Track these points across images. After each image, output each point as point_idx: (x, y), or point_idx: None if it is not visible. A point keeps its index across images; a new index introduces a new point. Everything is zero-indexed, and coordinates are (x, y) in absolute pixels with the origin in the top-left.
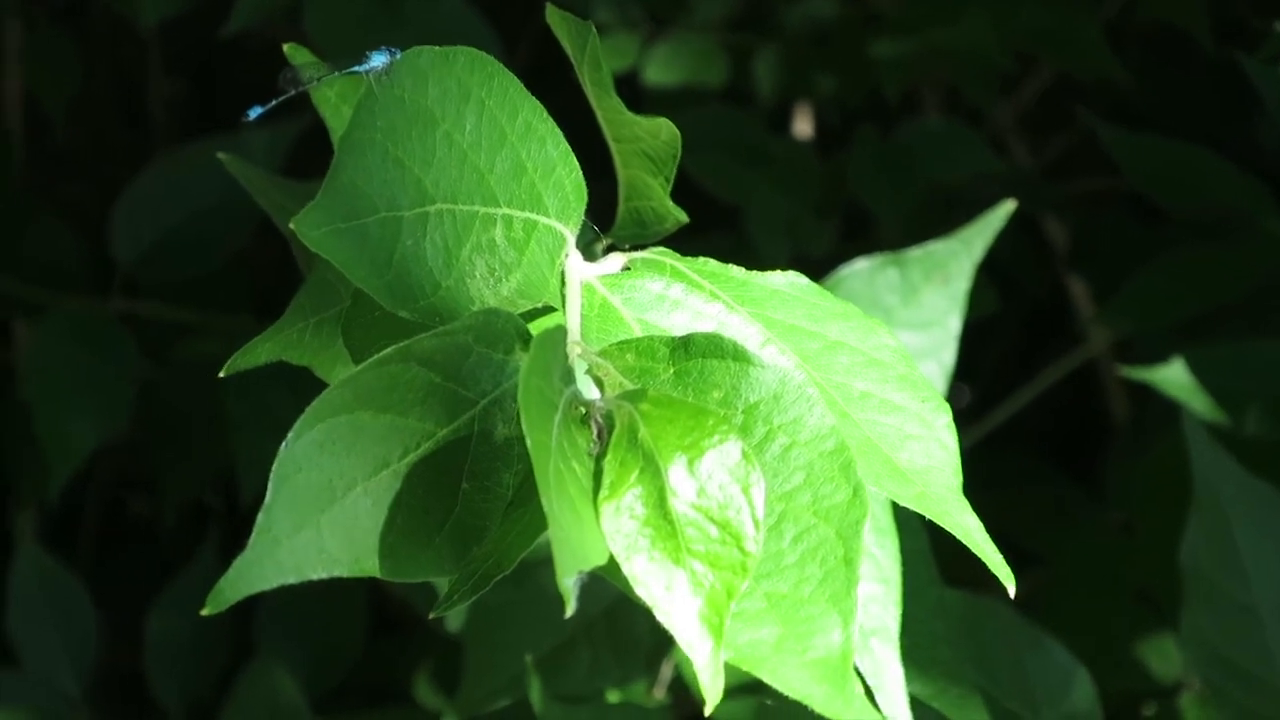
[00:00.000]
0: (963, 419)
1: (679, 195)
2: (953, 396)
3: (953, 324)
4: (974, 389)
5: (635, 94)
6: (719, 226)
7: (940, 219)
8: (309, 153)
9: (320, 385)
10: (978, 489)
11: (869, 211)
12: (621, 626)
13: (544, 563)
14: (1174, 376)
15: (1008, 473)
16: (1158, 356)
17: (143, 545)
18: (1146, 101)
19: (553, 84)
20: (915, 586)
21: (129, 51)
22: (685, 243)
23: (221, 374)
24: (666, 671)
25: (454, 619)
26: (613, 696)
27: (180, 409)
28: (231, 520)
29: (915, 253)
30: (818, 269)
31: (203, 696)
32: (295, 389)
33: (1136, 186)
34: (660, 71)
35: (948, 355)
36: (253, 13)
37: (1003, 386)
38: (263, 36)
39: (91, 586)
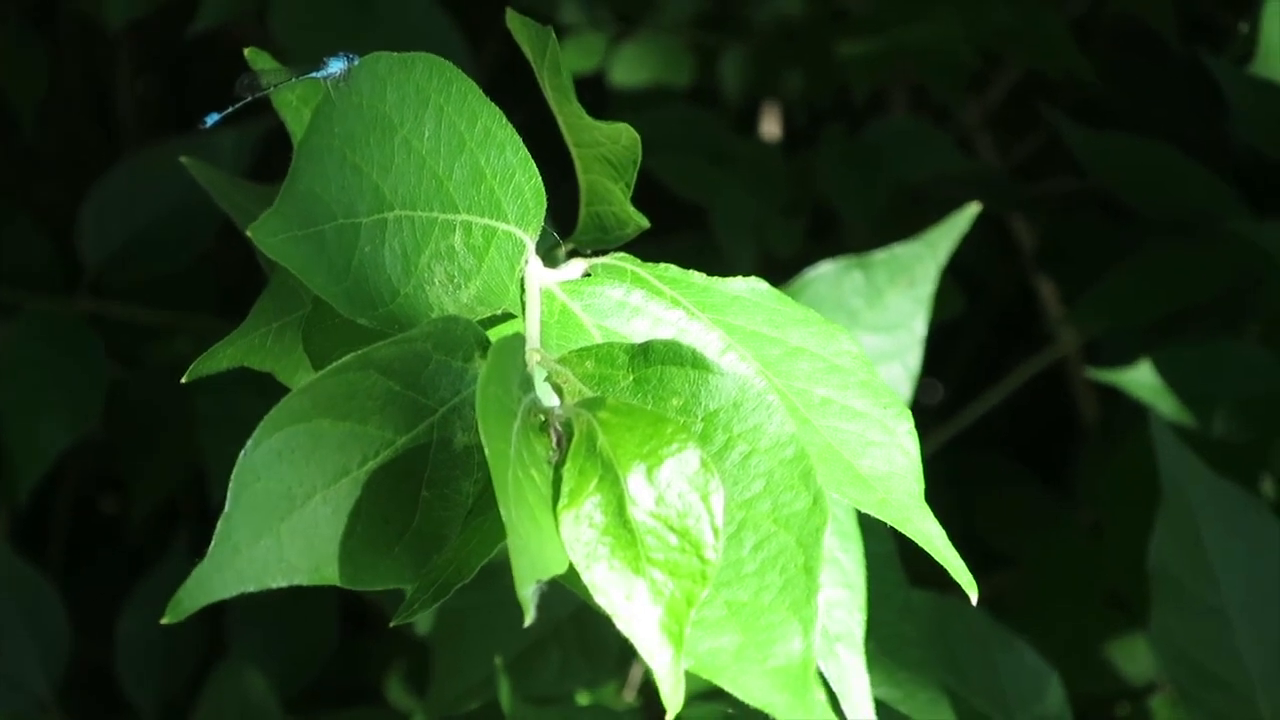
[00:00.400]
0: (933, 417)
1: (645, 196)
2: (924, 393)
3: (918, 327)
4: (943, 389)
5: (602, 95)
6: (686, 227)
7: (908, 218)
8: (277, 152)
9: (286, 388)
10: (946, 489)
11: (836, 211)
12: (591, 628)
13: (510, 565)
14: (1141, 378)
15: (977, 473)
16: (1126, 357)
17: (113, 543)
18: (1115, 98)
19: (522, 83)
20: (882, 590)
21: (99, 50)
22: (651, 244)
23: (184, 379)
24: (636, 674)
25: (422, 621)
26: (583, 698)
27: (149, 409)
28: (202, 518)
29: (880, 256)
30: (785, 269)
31: (174, 696)
32: (264, 390)
33: (1103, 186)
34: (627, 72)
35: (913, 358)
36: (219, 11)
37: (972, 387)
38: (233, 34)
39: (62, 584)
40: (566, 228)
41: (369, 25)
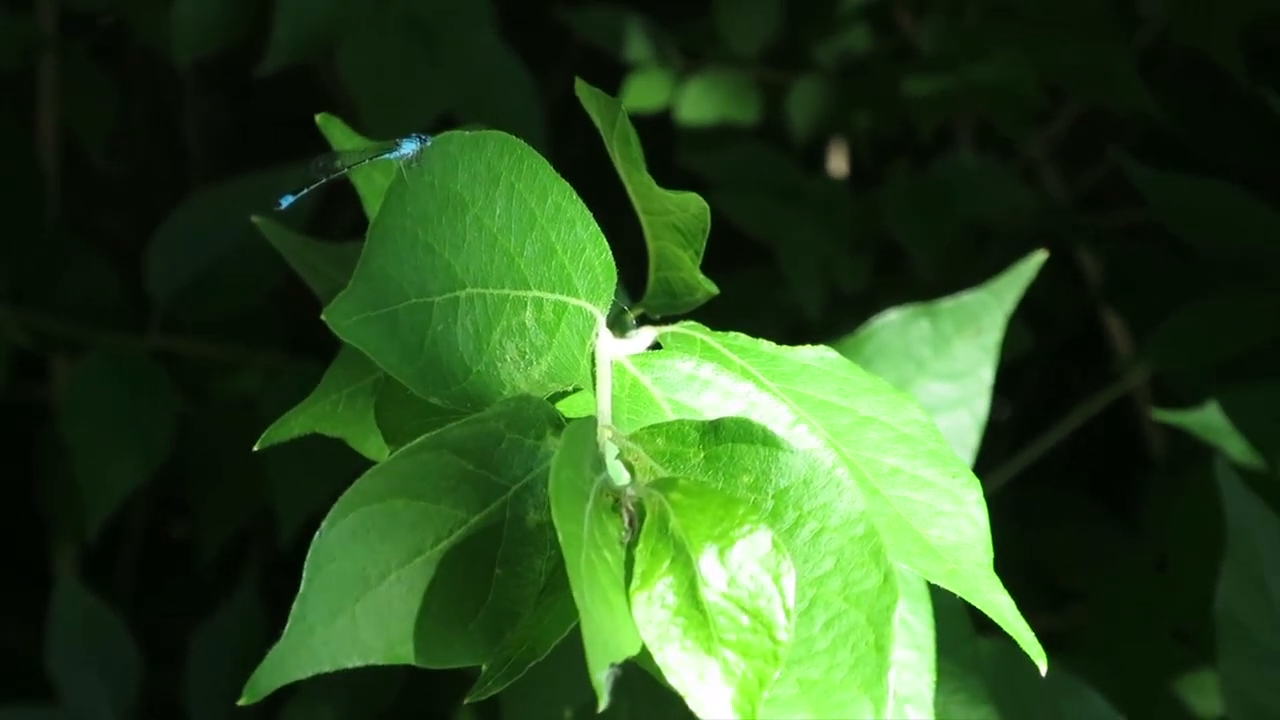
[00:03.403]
0: (1000, 439)
1: (711, 229)
2: (993, 412)
3: (985, 374)
4: (1010, 406)
5: (669, 131)
6: (751, 261)
7: (972, 254)
8: (340, 191)
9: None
10: (1013, 524)
11: (902, 245)
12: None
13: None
14: (1208, 419)
15: (1042, 506)
16: (1192, 390)
17: (182, 566)
18: (1182, 129)
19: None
20: (949, 643)
21: (164, 77)
22: (717, 278)
23: (256, 448)
24: None
25: None
26: None
27: (216, 443)
28: (271, 546)
29: (947, 304)
30: (851, 305)
31: None
32: None
33: (1167, 224)
34: (694, 109)
35: (980, 405)
36: (288, 53)
37: (1037, 411)
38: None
39: (131, 610)
40: (623, 266)
41: (437, 66)
